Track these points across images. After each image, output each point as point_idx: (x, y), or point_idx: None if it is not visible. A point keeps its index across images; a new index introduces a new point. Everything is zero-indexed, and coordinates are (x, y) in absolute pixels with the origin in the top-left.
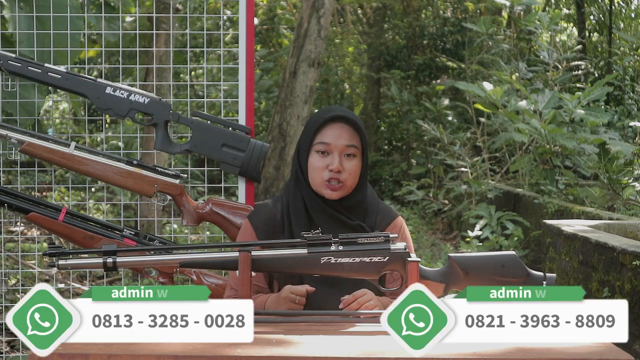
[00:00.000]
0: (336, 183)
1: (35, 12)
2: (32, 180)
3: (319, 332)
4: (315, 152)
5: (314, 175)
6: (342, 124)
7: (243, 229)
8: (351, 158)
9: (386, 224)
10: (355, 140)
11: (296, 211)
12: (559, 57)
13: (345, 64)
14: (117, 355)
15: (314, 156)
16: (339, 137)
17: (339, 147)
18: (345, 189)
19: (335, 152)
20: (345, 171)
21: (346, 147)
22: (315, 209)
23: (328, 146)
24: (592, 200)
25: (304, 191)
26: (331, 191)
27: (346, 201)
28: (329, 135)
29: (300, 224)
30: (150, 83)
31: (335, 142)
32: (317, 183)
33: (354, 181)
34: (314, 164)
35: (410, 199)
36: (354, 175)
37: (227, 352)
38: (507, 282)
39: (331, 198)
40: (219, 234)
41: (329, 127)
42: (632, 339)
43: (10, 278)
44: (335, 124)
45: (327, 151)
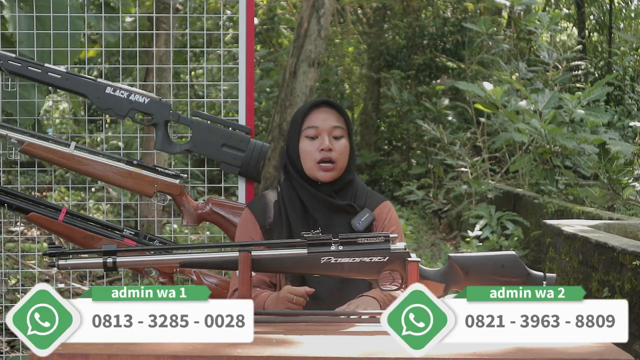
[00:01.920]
0: (328, 163)
1: (35, 12)
2: (32, 180)
3: (319, 332)
4: (305, 137)
5: (306, 160)
6: (326, 108)
7: (243, 216)
8: (339, 139)
9: (376, 204)
10: (341, 122)
11: (290, 199)
12: (559, 57)
13: (345, 64)
14: (117, 355)
15: (304, 142)
16: (325, 119)
17: (326, 128)
18: (337, 170)
19: (324, 133)
20: (336, 150)
21: (333, 128)
22: (306, 195)
23: (317, 129)
24: (592, 200)
25: (294, 180)
26: (324, 172)
27: (337, 184)
28: (317, 119)
29: (295, 211)
30: (150, 83)
31: (323, 125)
32: (310, 167)
33: (344, 162)
34: (306, 149)
35: (410, 199)
36: (343, 155)
37: (227, 352)
38: (507, 282)
39: (325, 180)
40: (219, 234)
41: (315, 112)
42: (632, 339)
43: (10, 278)
44: (320, 109)
45: (316, 135)
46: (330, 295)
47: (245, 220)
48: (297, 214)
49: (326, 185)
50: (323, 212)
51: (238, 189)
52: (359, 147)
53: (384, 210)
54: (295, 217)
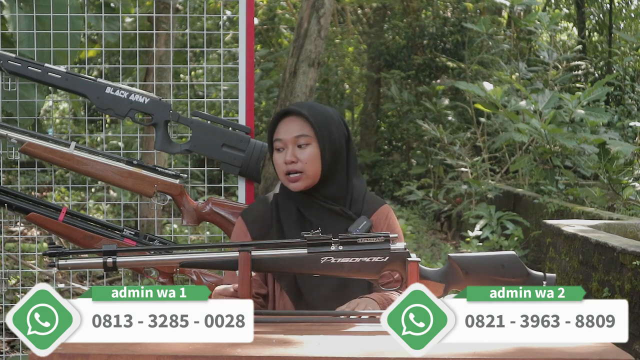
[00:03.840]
0: (294, 174)
1: (35, 12)
2: (32, 180)
3: (319, 332)
4: (275, 150)
5: (278, 172)
6: (290, 118)
7: (236, 225)
8: (304, 147)
9: (373, 210)
10: (306, 129)
11: (284, 205)
12: (559, 57)
13: (345, 64)
14: (117, 355)
15: (275, 154)
16: (288, 130)
17: (290, 139)
18: (307, 178)
19: (289, 144)
20: (301, 161)
21: (296, 137)
22: (299, 199)
23: (281, 141)
24: (592, 200)
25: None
26: (292, 183)
27: (321, 191)
28: (281, 131)
29: (289, 217)
30: (150, 83)
31: (286, 135)
32: (282, 178)
33: (314, 170)
34: (275, 162)
35: (410, 199)
36: (311, 163)
37: (227, 352)
38: (507, 282)
39: (296, 190)
40: (219, 234)
41: (280, 125)
42: (632, 339)
43: (10, 278)
44: (284, 120)
45: (282, 147)
46: (331, 295)
47: (237, 230)
48: (292, 220)
49: (314, 192)
50: (318, 216)
51: (238, 189)
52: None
53: (382, 215)
54: (290, 224)
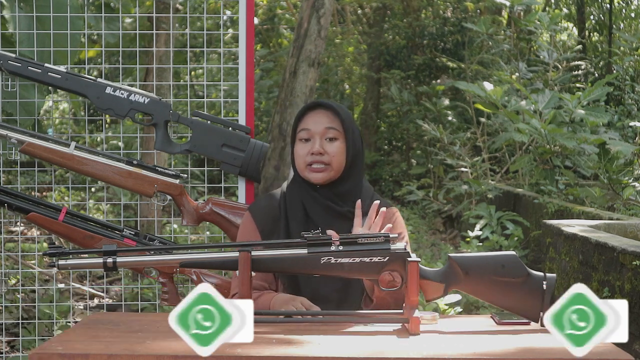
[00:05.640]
0: (319, 165)
1: (35, 12)
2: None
3: (319, 332)
4: (299, 140)
5: (299, 162)
6: (320, 110)
7: (244, 219)
8: (333, 141)
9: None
10: (336, 123)
11: (292, 202)
12: (559, 57)
13: (345, 64)
14: (117, 355)
15: (298, 145)
16: (317, 122)
17: (319, 131)
18: (331, 171)
19: (317, 136)
20: (328, 153)
21: (326, 129)
22: (307, 198)
23: (309, 132)
24: (592, 200)
25: (297, 183)
26: (315, 173)
27: (337, 187)
28: (309, 122)
29: (295, 214)
30: (150, 83)
31: (315, 127)
32: (302, 169)
33: (339, 164)
34: (298, 152)
35: (410, 199)
36: (338, 158)
37: (227, 352)
38: (507, 282)
39: (317, 182)
40: (219, 234)
41: (308, 115)
42: (632, 339)
43: (10, 278)
44: (314, 111)
45: (309, 137)
46: (331, 295)
47: (245, 224)
48: (298, 219)
49: (326, 189)
50: (324, 217)
51: (238, 189)
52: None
53: (388, 215)
54: (295, 222)
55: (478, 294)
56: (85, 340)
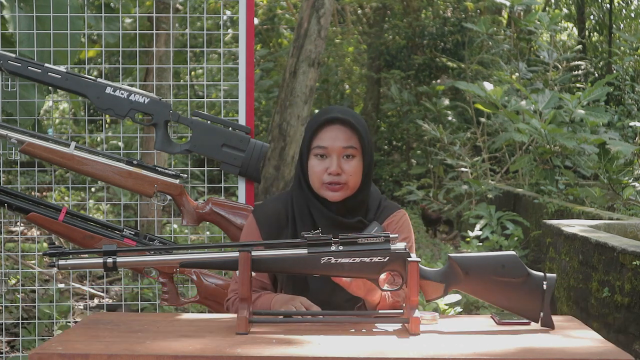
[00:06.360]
0: (336, 185)
1: (35, 12)
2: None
3: (319, 332)
4: (314, 155)
5: (314, 179)
6: (338, 126)
7: (247, 224)
8: (350, 159)
9: (385, 216)
10: (353, 140)
11: (301, 213)
12: (559, 57)
13: (345, 64)
14: (117, 355)
15: (313, 160)
16: (335, 139)
17: (336, 149)
18: (348, 189)
19: (334, 154)
20: (346, 173)
21: (344, 148)
22: (317, 212)
23: (326, 149)
24: (592, 200)
25: (306, 194)
26: (332, 192)
27: (350, 202)
28: (326, 139)
29: (304, 224)
30: (150, 83)
31: (333, 145)
32: (318, 186)
33: (356, 181)
34: (314, 168)
35: (410, 199)
36: (355, 176)
37: (227, 352)
38: (507, 282)
39: (334, 200)
40: (219, 234)
41: (325, 130)
42: (632, 339)
43: (10, 278)
44: (331, 127)
45: (326, 154)
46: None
47: (248, 227)
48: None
49: (338, 205)
50: (332, 230)
51: (238, 189)
52: None
53: (395, 219)
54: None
55: (478, 294)
56: (85, 340)
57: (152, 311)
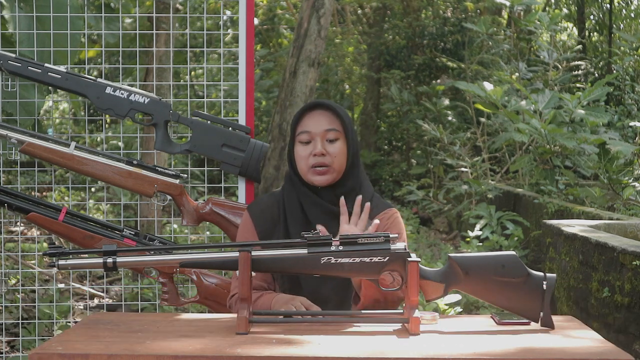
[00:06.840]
0: (322, 167)
1: (35, 12)
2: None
3: (319, 332)
4: (299, 142)
5: (301, 165)
6: (320, 111)
7: (242, 220)
8: (334, 142)
9: (378, 212)
10: (336, 124)
11: (291, 206)
12: (559, 57)
13: (345, 64)
14: (117, 355)
15: (298, 147)
16: (317, 123)
17: (319, 132)
18: (333, 172)
19: (317, 137)
20: (330, 154)
21: (326, 131)
22: (307, 200)
23: (309, 134)
24: (592, 200)
25: (296, 186)
26: (319, 176)
27: (339, 188)
28: (309, 124)
29: (294, 218)
30: (150, 83)
31: (315, 129)
32: (304, 172)
33: (340, 164)
34: (299, 154)
35: (410, 199)
36: (339, 158)
37: (227, 352)
38: (507, 282)
39: (321, 184)
40: (219, 234)
41: (307, 117)
42: (632, 339)
43: (10, 278)
44: (313, 112)
45: (310, 139)
46: (331, 296)
47: (243, 224)
48: (297, 221)
49: (327, 191)
50: (323, 220)
51: (238, 189)
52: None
53: (385, 216)
54: (294, 224)
55: (478, 294)
56: (85, 340)
57: (152, 311)
